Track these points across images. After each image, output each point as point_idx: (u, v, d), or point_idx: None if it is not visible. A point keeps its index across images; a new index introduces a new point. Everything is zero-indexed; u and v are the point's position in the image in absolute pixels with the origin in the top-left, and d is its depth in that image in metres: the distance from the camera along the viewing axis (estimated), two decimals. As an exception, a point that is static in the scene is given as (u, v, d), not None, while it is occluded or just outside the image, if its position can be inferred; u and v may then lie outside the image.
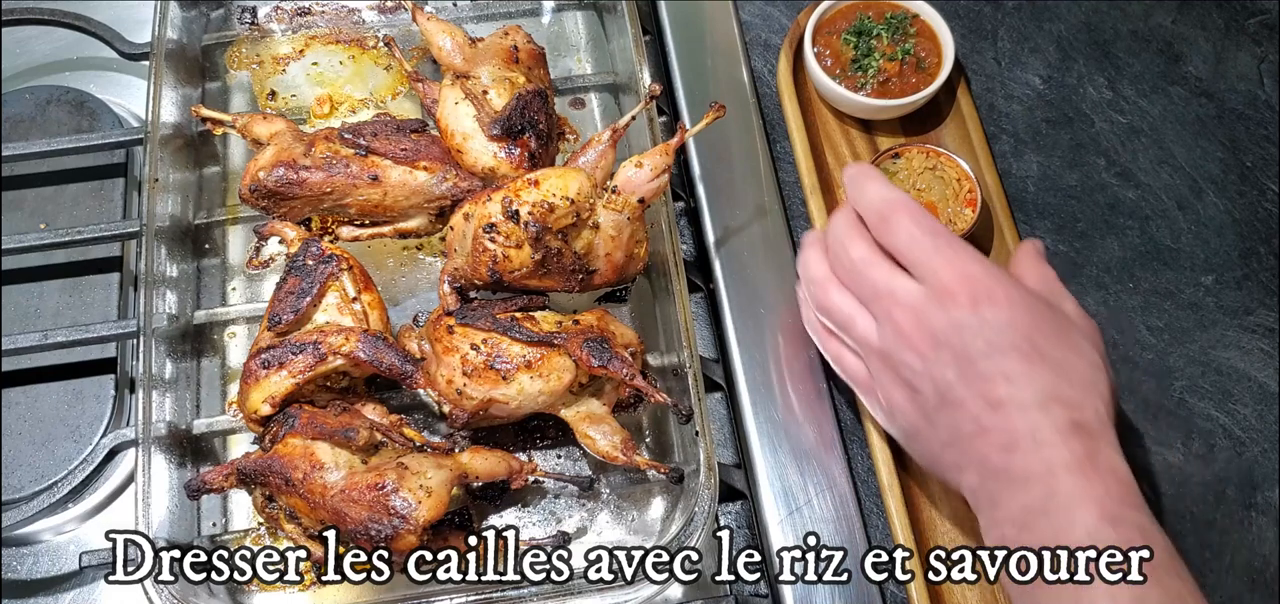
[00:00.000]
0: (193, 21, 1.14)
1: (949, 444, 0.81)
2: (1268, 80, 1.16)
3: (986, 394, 0.78)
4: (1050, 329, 0.80)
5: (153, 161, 0.98)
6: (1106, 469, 0.75)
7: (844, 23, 1.11)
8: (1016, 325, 0.79)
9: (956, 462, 0.81)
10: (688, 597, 0.93)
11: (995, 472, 0.78)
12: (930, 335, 0.80)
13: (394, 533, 0.81)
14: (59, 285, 1.05)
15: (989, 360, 0.78)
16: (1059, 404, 0.77)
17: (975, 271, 0.80)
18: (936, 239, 0.82)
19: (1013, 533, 0.76)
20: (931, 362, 0.80)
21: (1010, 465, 0.77)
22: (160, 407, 0.91)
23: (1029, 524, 0.75)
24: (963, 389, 0.79)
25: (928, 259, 0.81)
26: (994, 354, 0.78)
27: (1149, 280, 1.06)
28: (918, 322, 0.81)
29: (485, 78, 0.97)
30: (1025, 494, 0.76)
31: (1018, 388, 0.77)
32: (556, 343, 0.87)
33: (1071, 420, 0.76)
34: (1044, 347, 0.79)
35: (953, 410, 0.80)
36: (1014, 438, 0.77)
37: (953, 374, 0.79)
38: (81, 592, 0.94)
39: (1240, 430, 0.98)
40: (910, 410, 0.83)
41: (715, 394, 0.99)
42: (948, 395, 0.80)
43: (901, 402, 0.84)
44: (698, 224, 1.08)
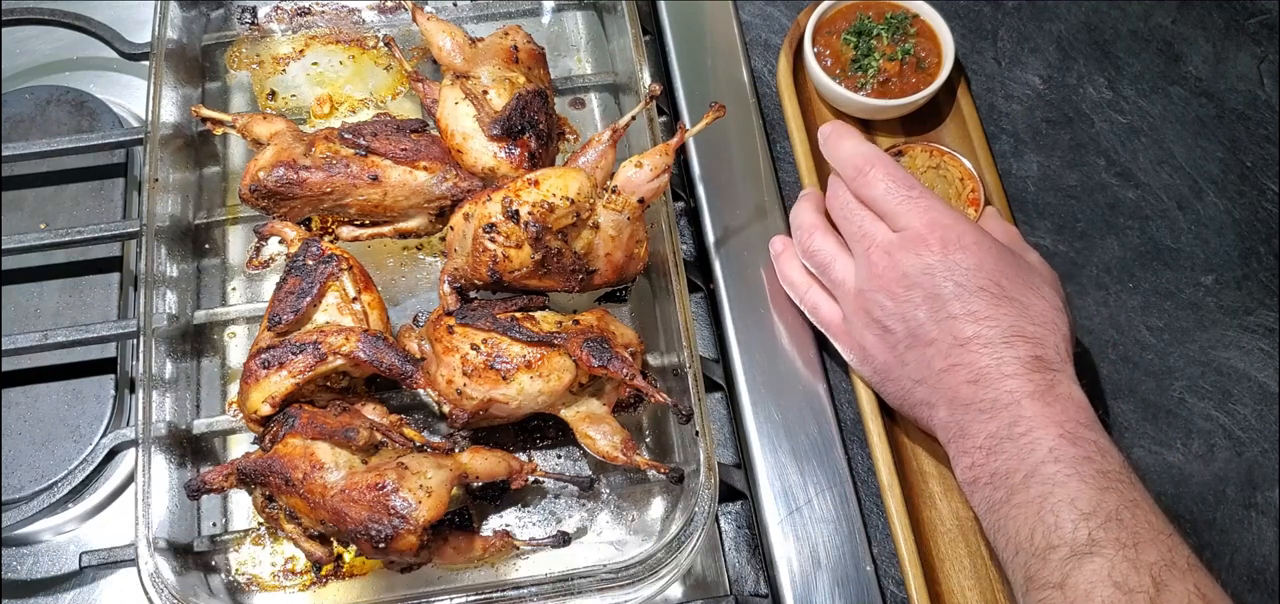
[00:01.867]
0: (193, 21, 1.14)
1: (920, 381, 0.87)
2: (1268, 80, 1.16)
3: (955, 332, 0.84)
4: (1014, 273, 0.87)
5: (153, 161, 0.98)
6: (1065, 396, 0.82)
7: (844, 23, 1.11)
8: (983, 269, 0.85)
9: (927, 398, 0.87)
10: (688, 597, 0.93)
11: (964, 404, 0.84)
12: (903, 277, 0.87)
13: (394, 533, 0.81)
14: (59, 285, 1.05)
15: (958, 301, 0.85)
16: (1022, 340, 0.83)
17: (945, 220, 0.87)
18: (910, 190, 0.89)
19: (982, 458, 0.82)
20: (903, 302, 0.87)
21: (978, 397, 0.83)
22: (160, 407, 0.91)
23: (996, 449, 0.81)
24: (933, 328, 0.85)
25: (901, 207, 0.89)
26: (962, 295, 0.85)
27: (1149, 280, 1.06)
28: (892, 264, 0.87)
29: (485, 78, 0.97)
30: (992, 422, 0.82)
31: (984, 326, 0.84)
32: (556, 343, 0.87)
33: (1033, 355, 0.83)
34: (1009, 289, 0.85)
35: (923, 348, 0.86)
36: (981, 371, 0.83)
37: (924, 314, 0.86)
38: (81, 592, 0.94)
39: (1240, 430, 0.98)
40: (882, 351, 0.90)
41: (715, 394, 0.99)
42: (919, 334, 0.86)
43: (874, 343, 0.90)
44: (698, 224, 1.08)
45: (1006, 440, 0.81)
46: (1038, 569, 0.76)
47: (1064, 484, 0.77)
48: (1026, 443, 0.80)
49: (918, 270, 0.86)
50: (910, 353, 0.87)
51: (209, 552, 0.93)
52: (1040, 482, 0.78)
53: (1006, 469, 0.81)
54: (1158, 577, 0.73)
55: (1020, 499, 0.79)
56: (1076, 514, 0.76)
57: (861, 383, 0.97)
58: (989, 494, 0.82)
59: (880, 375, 0.92)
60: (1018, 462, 0.80)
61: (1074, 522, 0.76)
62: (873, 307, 0.89)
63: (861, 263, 0.91)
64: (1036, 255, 0.93)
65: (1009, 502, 0.80)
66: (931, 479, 0.95)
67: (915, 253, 0.87)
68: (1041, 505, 0.77)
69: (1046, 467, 0.79)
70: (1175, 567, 0.74)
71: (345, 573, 0.92)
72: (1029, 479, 0.79)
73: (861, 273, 0.90)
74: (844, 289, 0.93)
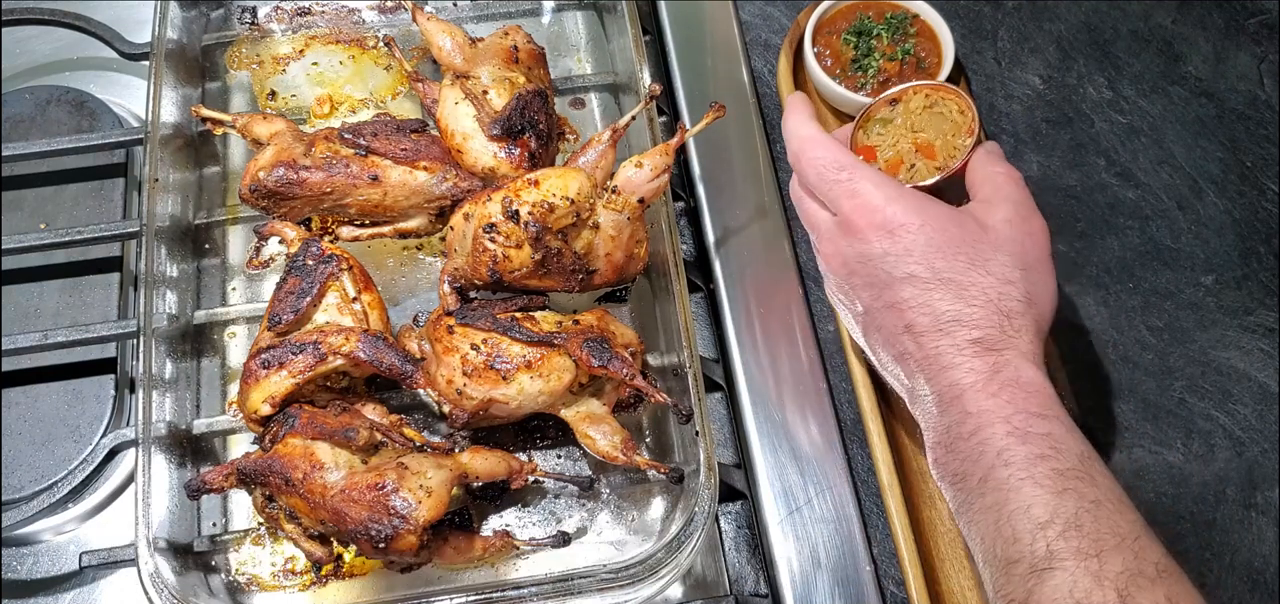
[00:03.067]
0: (193, 21, 1.14)
1: (882, 365, 0.86)
2: (1268, 80, 1.16)
3: (899, 320, 0.82)
4: (954, 250, 0.81)
5: (153, 161, 0.98)
6: (1011, 382, 0.76)
7: (844, 23, 1.11)
8: (913, 253, 0.81)
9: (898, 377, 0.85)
10: (688, 597, 0.93)
11: (918, 396, 0.82)
12: (845, 263, 0.86)
13: (394, 533, 0.81)
14: (59, 285, 1.05)
15: (893, 290, 0.82)
16: (959, 325, 0.79)
17: (876, 203, 0.83)
18: (839, 174, 0.86)
19: (943, 456, 0.79)
20: (850, 289, 0.86)
21: (927, 390, 0.80)
22: (160, 407, 0.91)
23: (952, 447, 0.78)
24: (881, 315, 0.83)
25: (832, 194, 0.86)
26: (896, 284, 0.82)
27: (1149, 280, 1.06)
28: (836, 251, 0.86)
29: (485, 78, 0.97)
30: (945, 416, 0.79)
31: (919, 315, 0.80)
32: (556, 343, 0.87)
33: (971, 339, 0.78)
34: (944, 270, 0.80)
35: (876, 332, 0.85)
36: (923, 363, 0.80)
37: (869, 299, 0.84)
38: (81, 592, 0.94)
39: (1240, 430, 0.98)
40: (854, 329, 0.89)
41: (715, 394, 0.99)
42: (871, 319, 0.85)
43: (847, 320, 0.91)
44: (698, 224, 1.08)
45: (959, 439, 0.77)
46: (1003, 583, 0.73)
47: (1017, 490, 0.73)
48: (976, 444, 0.76)
49: (855, 257, 0.84)
50: (869, 335, 0.87)
51: (209, 552, 0.93)
52: (994, 487, 0.74)
53: (963, 471, 0.77)
54: (1123, 590, 0.68)
55: (979, 505, 0.75)
56: (1032, 524, 0.71)
57: (861, 382, 0.97)
58: (954, 496, 0.79)
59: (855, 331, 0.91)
60: (972, 464, 0.76)
61: (1031, 532, 0.71)
62: (834, 287, 0.90)
63: (816, 248, 0.91)
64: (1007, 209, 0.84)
65: (970, 507, 0.77)
66: (931, 479, 0.95)
67: (849, 241, 0.85)
68: (998, 514, 0.73)
69: (998, 471, 0.74)
70: (1142, 575, 0.69)
71: (345, 573, 0.92)
72: (984, 483, 0.75)
73: (820, 256, 0.90)
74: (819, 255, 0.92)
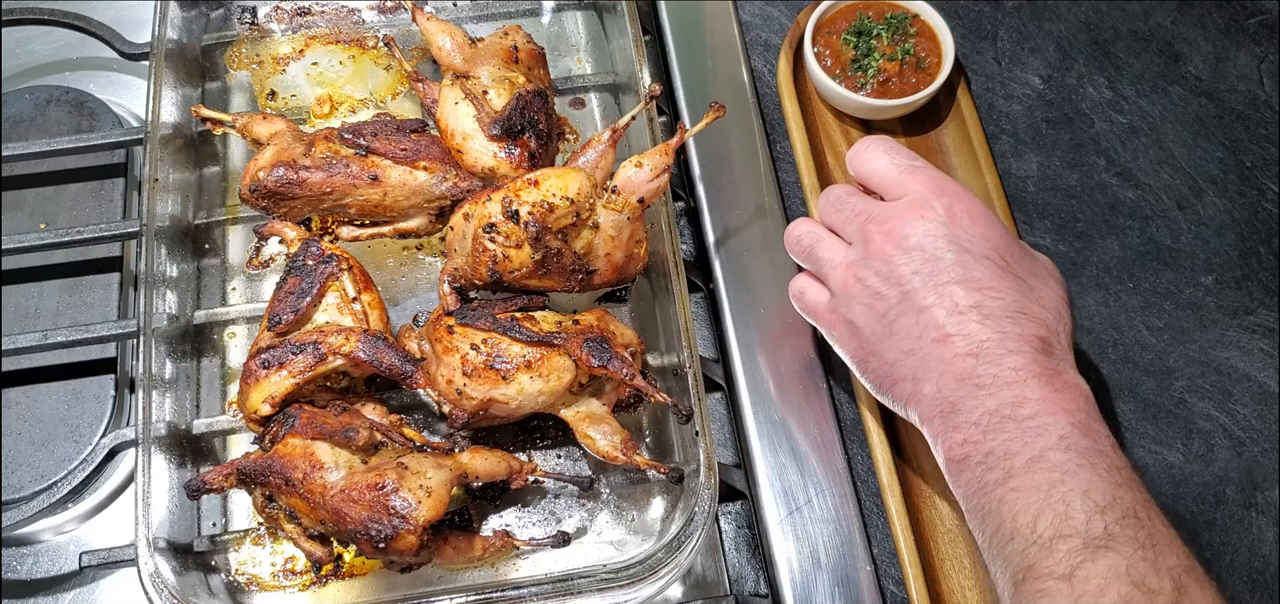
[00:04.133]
0: (193, 21, 1.14)
1: (909, 353, 0.80)
2: (1268, 80, 1.16)
3: (954, 300, 0.78)
4: (1020, 254, 0.82)
5: (153, 161, 0.98)
6: (1073, 385, 0.77)
7: (844, 23, 1.11)
8: (990, 239, 0.80)
9: (914, 372, 0.80)
10: (688, 597, 0.93)
11: (959, 377, 0.77)
12: (901, 241, 0.81)
13: (394, 533, 0.81)
14: (59, 285, 1.05)
15: (959, 267, 0.79)
16: (1027, 318, 0.78)
17: (953, 187, 0.83)
18: (913, 161, 0.85)
19: (977, 436, 0.76)
20: (899, 264, 0.81)
21: (976, 371, 0.77)
22: (160, 407, 0.91)
23: (995, 428, 0.75)
24: (930, 293, 0.79)
25: (904, 178, 0.84)
26: (965, 261, 0.79)
27: (1149, 280, 1.06)
28: (889, 231, 0.82)
29: (485, 78, 0.97)
30: (992, 399, 0.76)
31: (987, 296, 0.78)
32: (556, 343, 0.87)
33: (1039, 336, 0.77)
34: (1014, 266, 0.80)
35: (916, 315, 0.80)
36: (981, 344, 0.77)
37: (920, 278, 0.80)
38: (81, 592, 0.94)
39: (1240, 430, 0.98)
40: (870, 320, 0.83)
41: (715, 394, 0.99)
42: (912, 299, 0.80)
43: (861, 312, 0.84)
44: (698, 224, 1.08)
45: (1009, 420, 0.74)
46: (1040, 558, 0.70)
47: (1076, 474, 0.71)
48: (1032, 426, 0.74)
49: (919, 233, 0.81)
50: (901, 320, 0.81)
51: (209, 552, 0.93)
52: (1047, 468, 0.72)
53: (1007, 450, 0.74)
54: (1178, 581, 0.67)
55: (1021, 482, 0.72)
56: (1091, 505, 0.70)
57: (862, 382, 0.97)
58: (981, 475, 0.75)
59: (864, 349, 0.85)
60: (1021, 444, 0.73)
61: (1088, 513, 0.69)
62: (865, 274, 0.83)
63: (857, 239, 0.85)
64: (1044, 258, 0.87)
65: (1006, 484, 0.73)
66: (931, 479, 0.95)
67: (919, 216, 0.81)
68: (1049, 492, 0.71)
69: (1055, 453, 0.72)
70: (1193, 573, 0.69)
71: (345, 573, 0.92)
72: (1034, 464, 0.72)
73: (855, 247, 0.85)
74: (832, 266, 0.87)
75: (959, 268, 0.79)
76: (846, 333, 0.86)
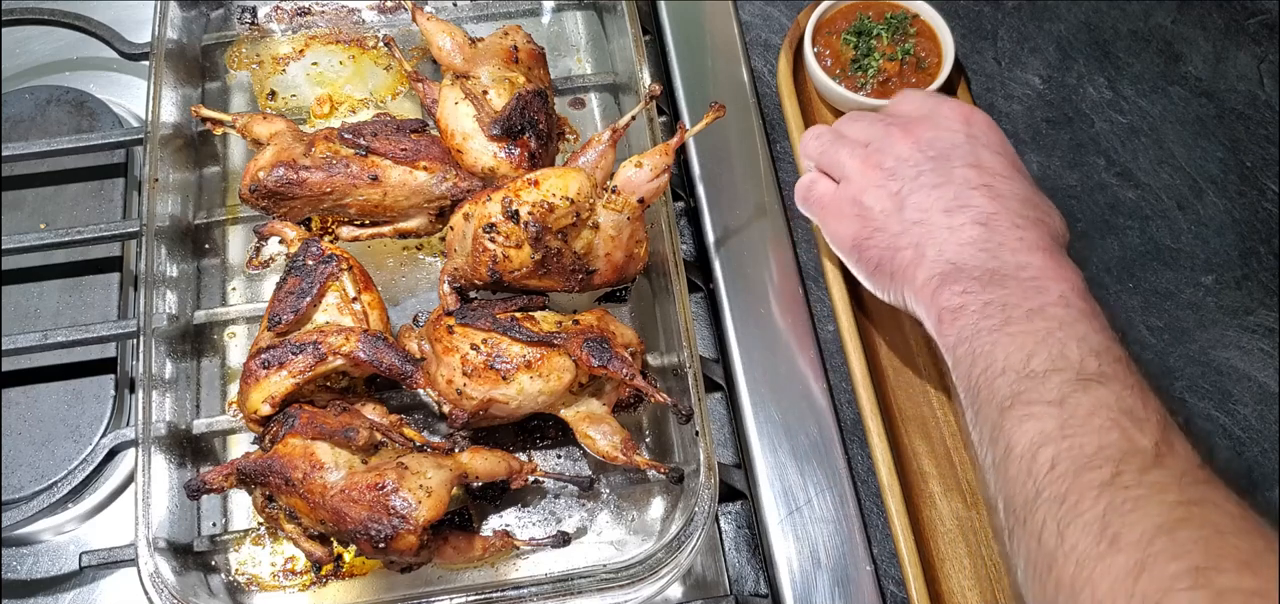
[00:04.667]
0: (193, 21, 1.14)
1: (917, 222, 0.84)
2: (1268, 80, 1.16)
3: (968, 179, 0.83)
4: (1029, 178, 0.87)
5: (153, 161, 0.98)
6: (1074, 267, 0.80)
7: (844, 23, 1.11)
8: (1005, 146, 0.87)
9: (918, 240, 0.83)
10: (688, 597, 0.93)
11: (964, 242, 0.81)
12: (920, 136, 0.87)
13: (394, 533, 0.81)
14: (59, 285, 1.05)
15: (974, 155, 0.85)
16: (1033, 208, 0.82)
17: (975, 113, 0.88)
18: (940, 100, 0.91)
19: (976, 289, 0.78)
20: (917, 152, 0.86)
21: (984, 237, 0.80)
22: (160, 407, 0.91)
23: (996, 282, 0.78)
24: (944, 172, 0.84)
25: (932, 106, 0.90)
26: (981, 152, 0.85)
27: (1149, 280, 1.06)
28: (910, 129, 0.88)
29: (485, 78, 0.97)
30: (995, 261, 0.79)
31: (998, 181, 0.83)
32: (556, 343, 0.87)
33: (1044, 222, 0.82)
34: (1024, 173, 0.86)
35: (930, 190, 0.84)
36: (990, 215, 0.81)
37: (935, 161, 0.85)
38: (81, 592, 0.94)
39: (1240, 430, 0.98)
40: (881, 199, 0.87)
41: (715, 394, 0.99)
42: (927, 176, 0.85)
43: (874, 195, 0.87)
44: (698, 224, 1.08)
45: (1010, 279, 0.78)
46: (1030, 388, 0.72)
47: (1073, 324, 0.74)
48: (1033, 285, 0.77)
49: (939, 131, 0.87)
50: (914, 195, 0.85)
51: (209, 552, 0.93)
52: (1046, 319, 0.74)
53: (1005, 300, 0.76)
54: (1164, 419, 0.69)
55: (1019, 329, 0.75)
56: (1086, 349, 0.72)
57: (861, 382, 0.97)
58: (976, 321, 0.77)
59: (869, 227, 0.87)
60: (1021, 296, 0.76)
61: (1083, 354, 0.72)
62: (884, 157, 0.88)
63: (877, 138, 0.89)
64: None
65: (1003, 329, 0.75)
66: (931, 479, 0.95)
67: (939, 119, 0.87)
68: (1046, 336, 0.73)
69: (1055, 308, 0.75)
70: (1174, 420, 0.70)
71: (345, 573, 0.92)
72: (1034, 314, 0.75)
73: (874, 144, 0.89)
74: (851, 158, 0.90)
75: (973, 156, 0.85)
76: (853, 214, 0.89)
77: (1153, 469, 0.65)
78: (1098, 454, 0.67)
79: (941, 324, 0.80)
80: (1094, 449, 0.67)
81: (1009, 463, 0.71)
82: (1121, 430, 0.67)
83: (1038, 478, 0.68)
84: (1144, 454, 0.66)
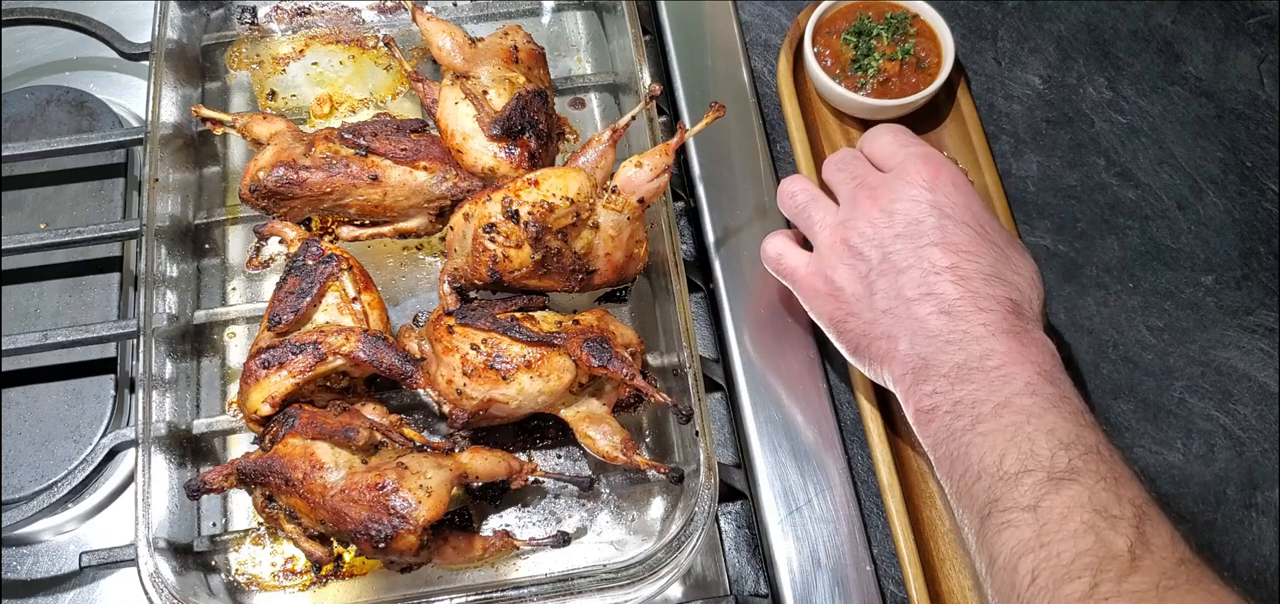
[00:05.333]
0: (193, 21, 1.14)
1: (886, 311, 0.84)
2: (1268, 80, 1.16)
3: (932, 260, 0.82)
4: (998, 227, 0.86)
5: (153, 161, 0.98)
6: (1040, 343, 0.80)
7: (844, 23, 1.11)
8: (970, 208, 0.85)
9: (889, 330, 0.83)
10: (688, 597, 0.93)
11: (931, 335, 0.81)
12: (887, 205, 0.86)
13: (394, 533, 0.81)
14: (59, 285, 1.05)
15: (939, 231, 0.83)
16: (1001, 282, 0.82)
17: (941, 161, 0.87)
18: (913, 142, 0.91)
19: (945, 387, 0.79)
20: (883, 227, 0.85)
21: (948, 329, 0.80)
22: (160, 407, 0.91)
23: (963, 378, 0.78)
24: (910, 254, 0.83)
25: (900, 152, 0.89)
26: (945, 225, 0.83)
27: (1149, 280, 1.06)
28: (877, 197, 0.87)
29: (485, 78, 0.97)
30: (961, 353, 0.79)
31: (963, 259, 0.82)
32: (556, 343, 0.87)
33: (1010, 298, 0.81)
34: (992, 234, 0.85)
35: (896, 275, 0.84)
36: (953, 303, 0.81)
37: (902, 241, 0.84)
38: (81, 592, 0.94)
39: (1240, 430, 0.98)
40: (852, 280, 0.86)
41: (715, 394, 0.99)
42: (893, 259, 0.84)
43: (845, 273, 0.87)
44: (698, 224, 1.08)
45: (976, 371, 0.78)
46: (1005, 492, 0.73)
47: (1041, 416, 0.74)
48: (999, 376, 0.77)
49: (903, 199, 0.86)
50: (881, 279, 0.85)
51: (209, 552, 0.93)
52: (1014, 412, 0.75)
53: (974, 397, 0.77)
54: (1140, 510, 0.70)
55: (988, 427, 0.76)
56: (1055, 442, 0.73)
57: (861, 382, 0.97)
58: (949, 423, 0.78)
59: (843, 310, 0.88)
60: (988, 391, 0.77)
61: (1052, 449, 0.73)
62: (851, 233, 0.87)
63: (846, 202, 0.90)
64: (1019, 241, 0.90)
65: (973, 429, 0.77)
66: (931, 479, 0.95)
67: (904, 183, 0.86)
68: (1015, 433, 0.74)
69: (1021, 399, 0.76)
70: (1152, 506, 0.71)
71: (345, 573, 0.92)
72: (1001, 408, 0.76)
73: (844, 209, 0.89)
74: (822, 227, 0.91)
75: (938, 232, 0.83)
76: (827, 292, 0.89)
77: (1130, 575, 0.67)
78: (1074, 563, 0.68)
79: (919, 423, 0.83)
80: (1070, 558, 0.68)
81: (994, 574, 0.73)
82: (1096, 534, 0.69)
83: (1021, 592, 0.70)
84: (1120, 560, 0.68)
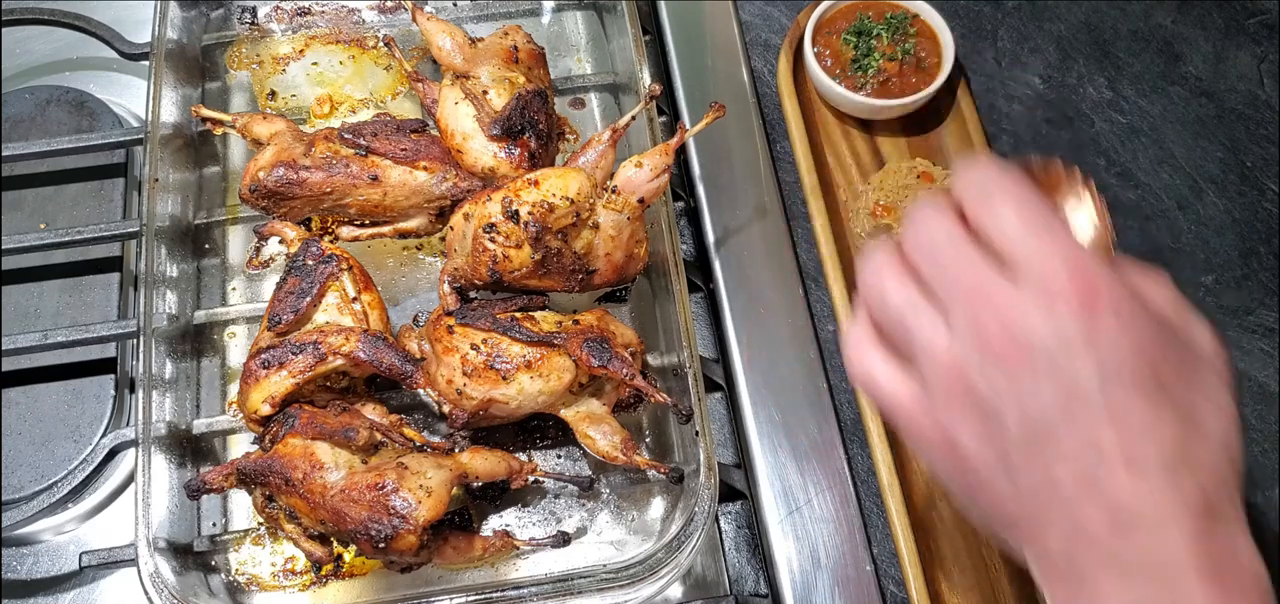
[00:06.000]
0: (193, 21, 1.14)
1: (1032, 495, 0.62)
2: (1268, 80, 1.16)
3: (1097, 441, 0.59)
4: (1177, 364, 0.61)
5: (153, 161, 0.98)
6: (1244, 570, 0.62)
7: (844, 23, 1.11)
8: (1142, 352, 0.60)
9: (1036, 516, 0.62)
10: (688, 597, 0.93)
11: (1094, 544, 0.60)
12: (1027, 348, 0.60)
13: (394, 533, 0.81)
14: (59, 285, 1.05)
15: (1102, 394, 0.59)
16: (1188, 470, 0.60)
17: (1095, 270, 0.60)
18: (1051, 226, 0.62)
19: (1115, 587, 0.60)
20: (1025, 381, 0.60)
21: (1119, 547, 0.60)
22: (160, 407, 0.91)
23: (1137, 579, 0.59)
24: (1065, 429, 0.60)
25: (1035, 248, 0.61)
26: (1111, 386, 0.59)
27: (1149, 280, 1.06)
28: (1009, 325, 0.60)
29: (485, 78, 0.97)
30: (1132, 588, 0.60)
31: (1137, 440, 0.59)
32: (556, 343, 0.87)
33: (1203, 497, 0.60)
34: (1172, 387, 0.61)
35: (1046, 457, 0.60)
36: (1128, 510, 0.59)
37: (1054, 407, 0.60)
38: (81, 592, 0.94)
39: (1240, 430, 0.98)
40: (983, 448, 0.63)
41: (715, 394, 0.99)
42: (1042, 433, 0.60)
43: (971, 437, 0.63)
44: (698, 224, 1.08)
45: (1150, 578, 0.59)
46: None
47: None
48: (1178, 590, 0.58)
49: (1052, 339, 0.59)
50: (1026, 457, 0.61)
51: (209, 552, 0.93)
52: None
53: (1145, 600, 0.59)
54: None
55: None
56: None
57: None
58: None
59: (970, 479, 0.64)
60: None
61: None
62: (976, 381, 0.62)
63: (963, 321, 0.62)
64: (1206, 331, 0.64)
65: None
66: (931, 480, 0.95)
67: (1050, 312, 0.59)
68: None
69: None
70: None
71: (345, 573, 0.92)
72: None
73: (962, 334, 0.62)
74: (932, 354, 0.63)
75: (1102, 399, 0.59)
76: (947, 451, 0.65)
77: None
78: None
79: None
80: None
81: None
82: None
83: None
84: None
